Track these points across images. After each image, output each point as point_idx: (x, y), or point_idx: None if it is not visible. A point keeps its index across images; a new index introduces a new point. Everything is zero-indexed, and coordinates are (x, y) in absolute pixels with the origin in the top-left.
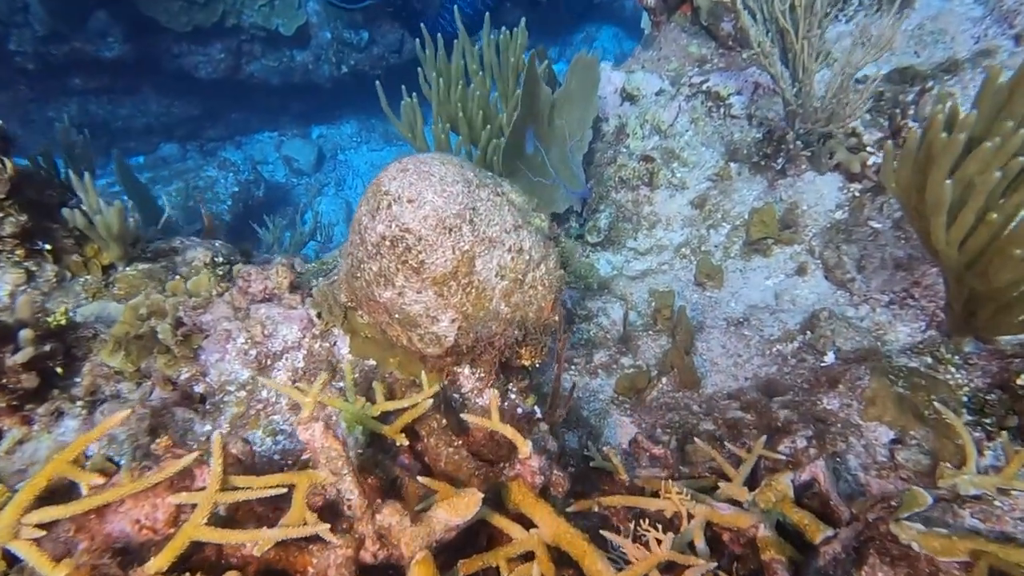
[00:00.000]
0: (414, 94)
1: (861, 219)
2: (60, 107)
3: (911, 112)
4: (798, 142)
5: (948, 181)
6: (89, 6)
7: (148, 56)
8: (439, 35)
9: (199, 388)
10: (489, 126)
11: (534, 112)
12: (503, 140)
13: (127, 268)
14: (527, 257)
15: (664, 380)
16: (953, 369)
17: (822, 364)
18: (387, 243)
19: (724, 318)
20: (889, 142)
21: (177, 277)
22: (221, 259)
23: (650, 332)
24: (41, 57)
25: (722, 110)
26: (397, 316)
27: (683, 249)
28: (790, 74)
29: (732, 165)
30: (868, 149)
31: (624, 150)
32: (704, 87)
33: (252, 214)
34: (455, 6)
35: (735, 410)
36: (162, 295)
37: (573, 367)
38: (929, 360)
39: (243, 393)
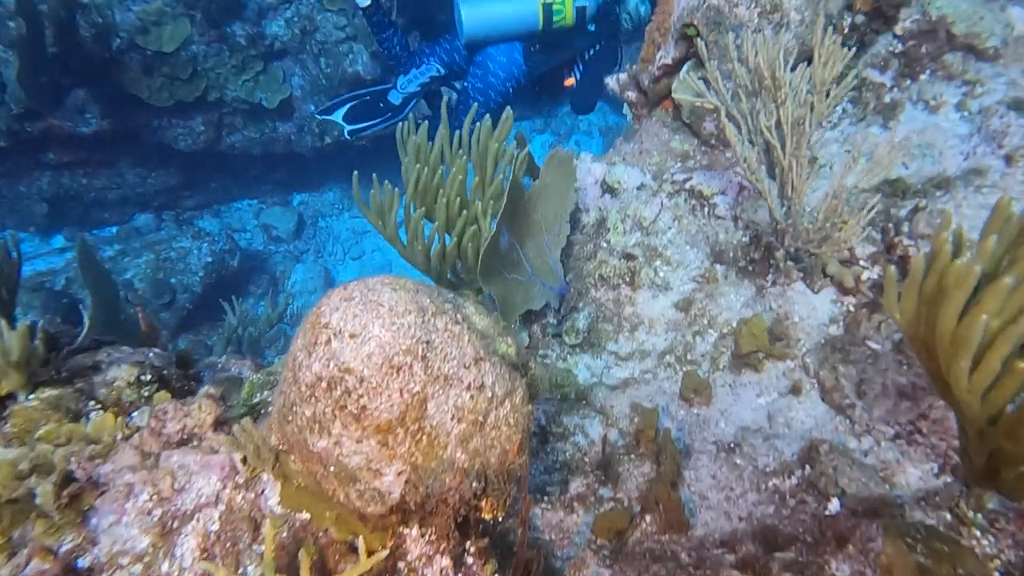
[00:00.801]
0: (387, 182)
1: (858, 338)
2: (32, 182)
3: (905, 229)
4: (789, 262)
5: (984, 316)
6: (68, 85)
7: (127, 130)
8: (425, 121)
9: (84, 562)
10: (465, 212)
11: (514, 210)
12: (478, 228)
13: (29, 397)
14: (489, 394)
15: (648, 519)
16: (978, 533)
17: (827, 513)
18: (323, 385)
19: (714, 442)
20: (892, 267)
21: (92, 403)
22: (149, 376)
23: (632, 456)
24: (14, 135)
25: (706, 209)
26: (333, 468)
27: (667, 356)
28: (778, 190)
29: (718, 267)
30: (862, 263)
31: (605, 245)
32: (687, 185)
33: (226, 284)
34: (467, 103)
35: (730, 568)
36: (51, 445)
37: (546, 498)
38: (948, 518)
39: (138, 567)
